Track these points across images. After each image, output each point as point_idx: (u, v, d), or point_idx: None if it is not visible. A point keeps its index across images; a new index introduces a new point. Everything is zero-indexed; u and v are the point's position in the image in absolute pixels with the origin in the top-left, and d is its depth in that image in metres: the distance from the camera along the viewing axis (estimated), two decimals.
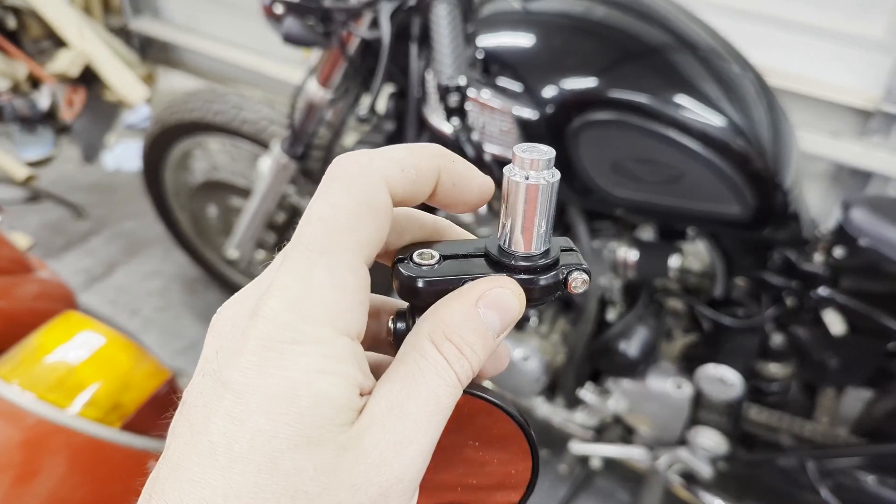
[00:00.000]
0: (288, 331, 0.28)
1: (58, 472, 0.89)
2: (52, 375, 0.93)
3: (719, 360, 1.43)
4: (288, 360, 0.28)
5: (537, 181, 0.32)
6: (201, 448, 0.28)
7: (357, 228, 0.30)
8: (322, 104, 1.53)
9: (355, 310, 0.30)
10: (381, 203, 0.31)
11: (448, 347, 0.31)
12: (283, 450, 0.27)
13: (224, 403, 0.28)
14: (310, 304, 0.29)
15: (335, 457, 0.28)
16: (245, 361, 0.28)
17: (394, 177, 0.31)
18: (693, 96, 1.18)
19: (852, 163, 2.19)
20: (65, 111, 3.38)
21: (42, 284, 1.31)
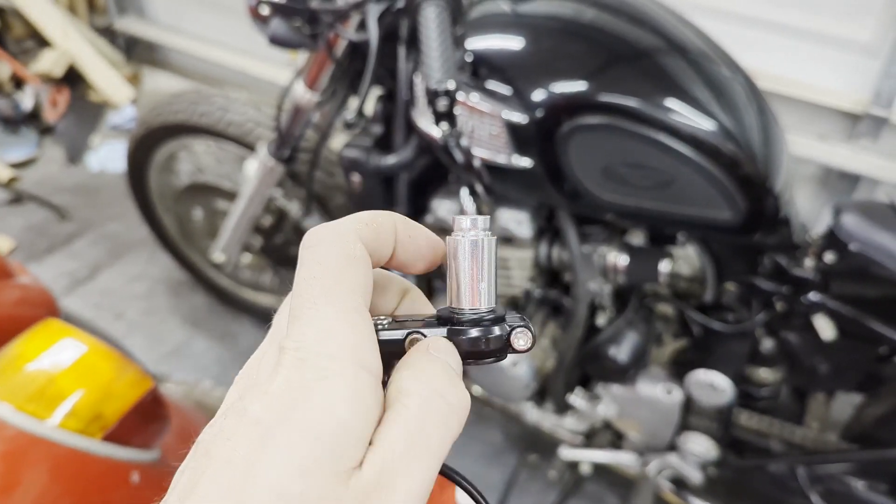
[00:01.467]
0: (313, 370, 0.30)
1: (38, 485, 0.87)
2: (31, 385, 0.91)
3: (709, 365, 1.42)
4: (314, 394, 0.29)
5: (476, 238, 0.35)
6: (219, 475, 0.28)
7: (348, 277, 0.32)
8: (309, 107, 1.51)
9: (370, 347, 0.32)
10: (359, 253, 0.34)
11: (427, 379, 0.32)
12: (307, 486, 0.28)
13: (249, 435, 0.29)
14: (330, 345, 0.30)
15: (337, 492, 0.28)
16: (272, 399, 0.29)
17: (361, 231, 0.34)
18: (683, 100, 1.17)
19: (840, 166, 2.19)
20: (48, 112, 3.34)
21: (23, 290, 1.29)
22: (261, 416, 0.29)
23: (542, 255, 1.44)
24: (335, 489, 0.28)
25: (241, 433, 0.29)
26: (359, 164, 1.40)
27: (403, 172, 1.43)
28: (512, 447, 2.06)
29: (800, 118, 2.24)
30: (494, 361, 0.36)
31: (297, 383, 0.29)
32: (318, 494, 0.28)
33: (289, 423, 0.29)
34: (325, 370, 0.30)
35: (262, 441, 0.28)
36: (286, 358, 0.30)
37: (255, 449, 0.28)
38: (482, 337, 0.35)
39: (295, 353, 0.30)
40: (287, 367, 0.30)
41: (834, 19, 2.09)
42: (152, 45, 3.94)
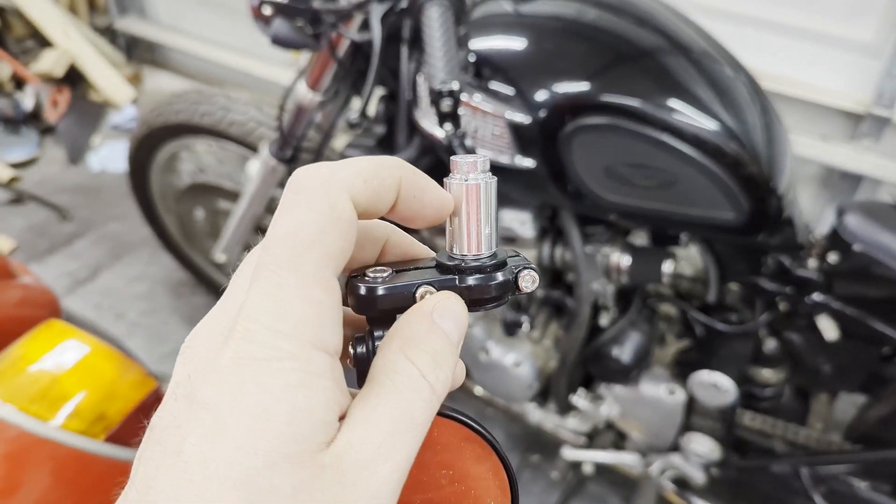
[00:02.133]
0: (264, 348, 0.28)
1: (40, 486, 0.86)
2: (34, 386, 0.91)
3: (712, 365, 1.42)
4: (265, 377, 0.27)
5: (476, 181, 0.34)
6: (175, 469, 0.27)
7: (323, 242, 0.30)
8: (311, 107, 1.51)
9: (329, 325, 0.30)
10: (345, 214, 0.31)
11: (421, 358, 0.31)
12: (259, 467, 0.26)
13: (200, 423, 0.27)
14: (285, 321, 0.28)
15: (312, 475, 0.27)
16: (221, 380, 0.28)
17: (356, 187, 0.31)
18: (686, 100, 1.16)
19: (843, 166, 2.19)
20: (49, 112, 3.34)
21: (25, 290, 1.28)
22: (210, 399, 0.28)
23: (545, 256, 1.44)
24: (310, 473, 0.27)
25: (192, 419, 0.27)
26: None
27: None
28: (514, 447, 2.05)
29: (802, 118, 2.24)
30: (499, 305, 0.36)
31: (248, 363, 0.28)
32: (293, 484, 0.27)
33: (241, 410, 0.27)
34: (277, 350, 0.28)
35: (215, 430, 0.27)
36: (237, 331, 0.28)
37: (208, 439, 0.27)
38: (491, 283, 0.35)
39: (246, 327, 0.28)
40: (237, 340, 0.28)
41: (836, 20, 2.09)
42: (153, 45, 3.94)
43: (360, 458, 0.28)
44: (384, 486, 0.29)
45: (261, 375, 0.28)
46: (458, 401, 2.16)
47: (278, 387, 0.27)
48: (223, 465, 0.26)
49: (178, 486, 0.27)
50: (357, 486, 0.28)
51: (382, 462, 0.29)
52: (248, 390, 0.27)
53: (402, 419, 0.30)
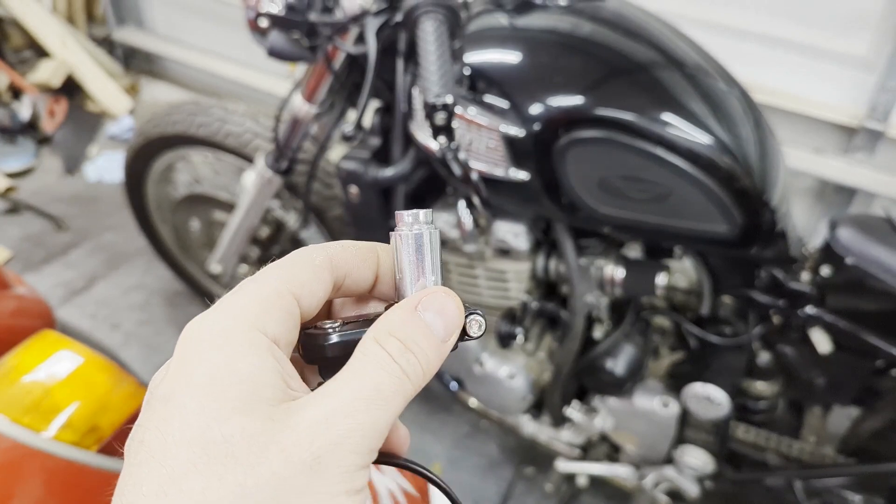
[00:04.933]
0: (210, 333, 0.31)
1: (32, 497, 0.86)
2: (27, 397, 0.91)
3: (706, 378, 1.42)
4: (210, 353, 0.30)
5: (419, 232, 0.36)
6: (139, 457, 0.29)
7: (284, 271, 0.34)
8: (307, 119, 1.51)
9: (271, 315, 0.32)
10: (318, 260, 0.35)
11: (391, 343, 0.33)
12: (209, 422, 0.29)
13: (156, 412, 0.30)
14: (229, 310, 0.32)
15: (263, 425, 0.29)
16: (172, 374, 0.31)
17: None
18: (680, 114, 1.17)
19: (836, 179, 2.20)
20: (46, 122, 3.34)
21: (19, 301, 1.28)
22: (164, 391, 0.30)
23: (540, 268, 1.44)
24: (262, 424, 0.29)
25: (151, 414, 0.30)
26: (356, 177, 1.41)
27: (401, 185, 1.44)
28: (508, 460, 2.05)
29: (796, 132, 2.25)
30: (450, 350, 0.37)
31: (193, 353, 0.31)
32: (245, 433, 0.28)
33: (190, 387, 0.29)
34: (220, 334, 0.31)
35: (170, 411, 0.29)
36: (183, 338, 0.32)
37: (164, 420, 0.29)
38: None
39: (195, 325, 0.32)
40: (184, 342, 0.31)
41: (830, 33, 2.10)
42: (151, 56, 3.94)
43: (317, 415, 0.30)
44: (343, 439, 0.29)
45: (204, 354, 0.30)
46: (453, 413, 2.16)
47: (222, 359, 0.30)
48: (178, 433, 0.29)
49: (142, 466, 0.29)
50: (313, 438, 0.29)
51: (342, 419, 0.30)
52: (196, 370, 0.30)
53: (366, 388, 0.31)
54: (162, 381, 0.31)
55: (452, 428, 2.14)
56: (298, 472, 0.28)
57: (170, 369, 0.31)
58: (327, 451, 0.29)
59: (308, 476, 0.29)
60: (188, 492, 0.28)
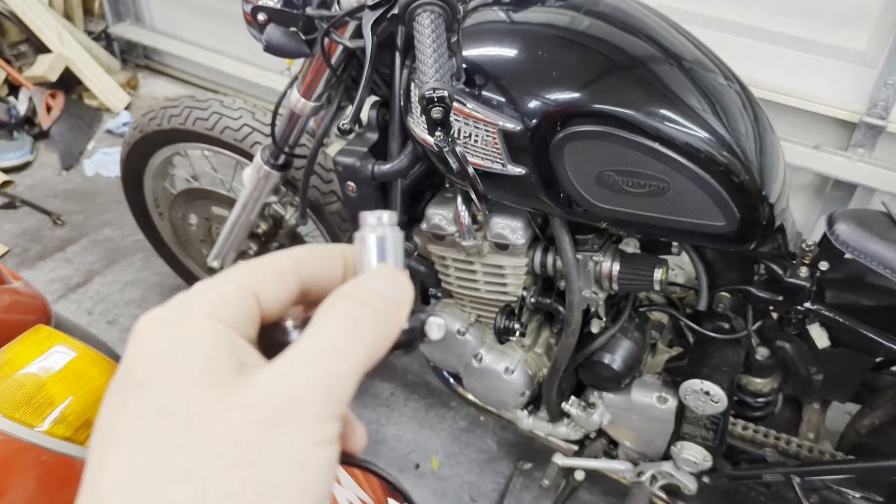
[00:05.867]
0: (163, 322, 0.32)
1: (26, 492, 0.86)
2: (19, 392, 0.90)
3: (704, 374, 1.41)
4: (163, 339, 0.31)
5: (382, 234, 0.37)
6: (99, 440, 0.29)
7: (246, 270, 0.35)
8: (304, 113, 1.51)
9: (228, 308, 0.32)
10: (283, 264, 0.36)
11: (340, 303, 0.33)
12: (165, 396, 0.29)
13: (111, 397, 0.30)
14: (183, 303, 0.32)
15: (219, 392, 0.29)
16: (126, 358, 0.31)
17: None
18: (678, 108, 1.16)
19: (836, 174, 2.20)
20: (43, 117, 3.33)
21: (15, 295, 1.28)
22: (120, 378, 0.30)
23: (537, 263, 1.43)
24: (219, 393, 0.29)
25: (107, 399, 0.30)
26: (353, 171, 1.40)
27: (398, 179, 1.43)
28: (506, 454, 2.05)
29: (795, 127, 2.25)
30: (406, 352, 0.37)
31: (145, 341, 0.31)
32: (203, 401, 0.29)
33: (144, 366, 0.30)
34: (174, 324, 0.31)
35: (127, 395, 0.29)
36: (136, 327, 0.32)
37: (120, 403, 0.29)
38: (405, 329, 0.36)
39: (143, 321, 0.32)
40: (136, 334, 0.32)
41: (830, 28, 2.10)
42: (148, 51, 3.94)
43: (273, 374, 0.30)
44: (304, 391, 0.29)
45: (157, 341, 0.31)
46: (451, 408, 2.16)
47: (175, 341, 0.30)
48: (134, 411, 0.29)
49: (103, 448, 0.29)
50: (271, 394, 0.29)
51: (297, 374, 0.30)
52: (149, 355, 0.30)
53: (319, 343, 0.31)
54: (118, 373, 0.31)
55: (450, 423, 2.14)
56: (258, 429, 0.28)
57: (123, 360, 0.31)
58: (286, 405, 0.29)
59: (269, 432, 0.28)
60: (149, 462, 0.27)
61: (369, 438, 0.38)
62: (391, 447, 2.06)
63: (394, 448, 2.06)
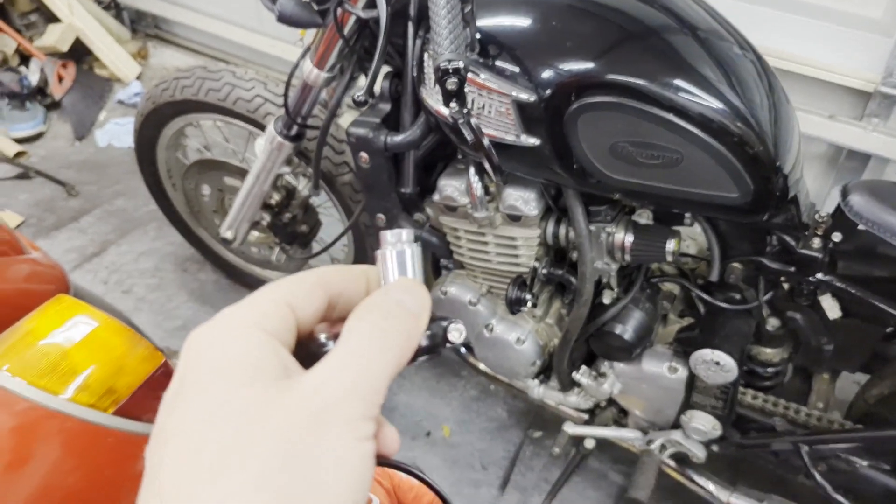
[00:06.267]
0: (211, 334, 0.35)
1: (50, 458, 0.88)
2: (43, 360, 0.92)
3: (715, 344, 1.42)
4: (212, 348, 0.34)
5: (402, 249, 0.40)
6: (161, 447, 0.32)
7: (279, 287, 0.38)
8: (317, 84, 1.51)
9: (268, 319, 0.35)
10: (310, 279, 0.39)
11: (369, 315, 0.37)
12: (216, 400, 0.32)
13: (167, 406, 0.33)
14: (228, 317, 0.35)
15: (266, 393, 0.32)
16: (179, 369, 0.34)
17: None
18: (693, 78, 1.16)
19: (850, 145, 2.18)
20: (55, 87, 3.34)
21: (33, 265, 1.30)
22: (175, 387, 0.34)
23: (549, 234, 1.44)
24: (266, 395, 0.32)
25: (163, 409, 0.34)
26: (366, 142, 1.40)
27: (411, 150, 1.43)
28: (517, 423, 2.08)
29: (810, 96, 2.23)
30: (431, 358, 0.40)
31: (196, 351, 0.34)
32: (252, 402, 0.31)
33: (195, 375, 0.33)
34: (221, 335, 0.34)
35: (179, 399, 0.33)
36: (187, 341, 0.35)
37: (175, 409, 0.32)
38: (428, 335, 0.39)
39: (193, 334, 0.35)
40: (188, 346, 0.35)
41: None
42: (158, 20, 3.91)
43: (313, 380, 0.33)
44: (346, 393, 0.33)
45: (207, 350, 0.34)
46: (462, 377, 2.18)
47: (224, 351, 0.33)
48: (188, 415, 0.32)
49: (161, 448, 0.32)
50: (315, 395, 0.32)
51: (336, 379, 0.33)
52: (200, 364, 0.33)
53: (354, 353, 0.35)
54: (172, 383, 0.34)
55: (461, 391, 2.16)
56: (305, 426, 0.31)
57: (177, 371, 0.34)
58: (328, 405, 0.32)
59: (314, 428, 0.31)
60: (209, 461, 0.30)
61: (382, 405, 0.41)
62: (403, 415, 2.09)
63: (405, 416, 2.09)
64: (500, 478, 1.93)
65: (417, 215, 1.57)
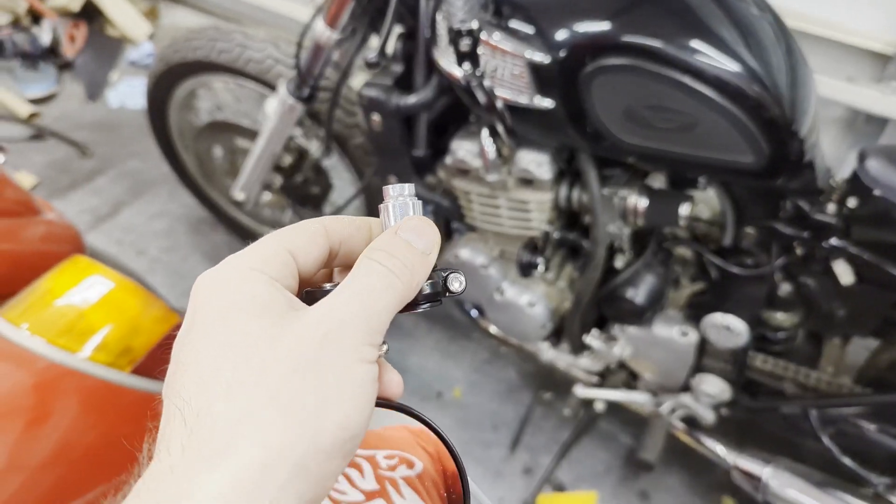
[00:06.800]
0: (218, 276, 0.37)
1: (69, 415, 0.90)
2: (61, 320, 0.94)
3: (726, 308, 1.43)
4: (220, 288, 0.37)
5: (404, 201, 0.42)
6: (175, 370, 0.35)
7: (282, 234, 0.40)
8: (329, 45, 1.49)
9: (270, 264, 0.38)
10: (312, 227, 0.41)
11: (376, 254, 0.39)
12: (229, 328, 0.35)
13: (182, 339, 0.36)
14: (232, 261, 0.38)
15: (275, 321, 0.35)
16: (190, 307, 0.37)
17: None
18: (709, 40, 1.14)
19: (868, 108, 2.15)
20: (67, 47, 3.32)
21: (49, 226, 1.31)
22: (187, 324, 0.36)
23: (562, 197, 1.44)
24: (275, 323, 0.35)
25: (179, 342, 0.36)
26: (378, 104, 1.40)
27: (423, 112, 1.43)
28: (527, 385, 2.09)
29: (828, 59, 2.19)
30: (433, 306, 0.42)
31: (205, 292, 0.37)
32: (262, 329, 0.35)
33: (207, 310, 0.36)
34: (227, 277, 0.37)
35: (193, 331, 0.35)
36: (195, 285, 0.37)
37: (190, 341, 0.35)
38: (429, 284, 0.41)
39: (200, 278, 0.37)
40: (196, 289, 0.37)
41: None
42: None
43: (320, 309, 0.36)
44: (350, 318, 0.36)
45: (216, 291, 0.36)
46: (473, 339, 2.20)
47: (232, 288, 0.36)
48: (204, 343, 0.35)
49: (177, 375, 0.35)
50: (320, 323, 0.35)
51: (342, 307, 0.36)
52: (210, 302, 0.36)
53: (360, 286, 0.37)
54: (183, 324, 0.37)
55: (472, 353, 2.18)
56: (312, 348, 0.34)
57: (187, 313, 0.37)
58: (334, 329, 0.35)
59: (321, 349, 0.34)
60: (224, 380, 0.33)
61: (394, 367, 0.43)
62: (415, 375, 2.11)
63: (417, 376, 2.11)
64: (511, 438, 1.95)
65: (430, 178, 1.56)
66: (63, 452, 0.86)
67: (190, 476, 0.32)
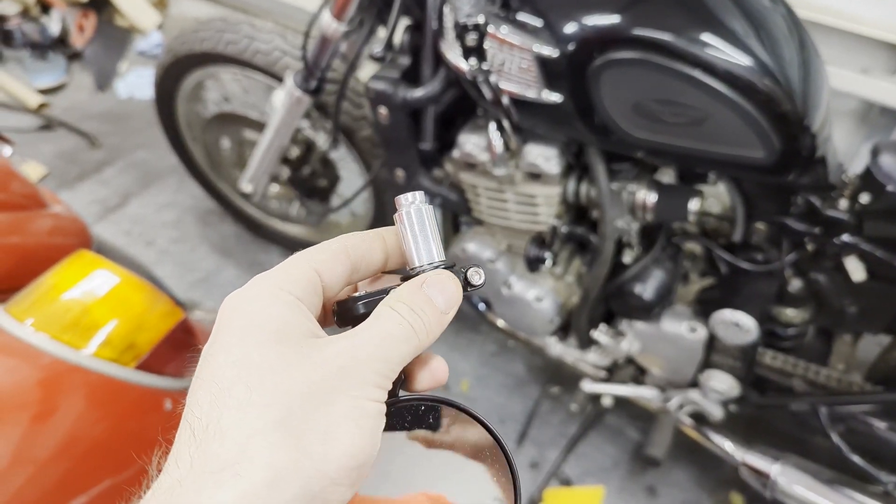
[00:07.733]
0: (244, 296, 0.39)
1: (74, 411, 0.90)
2: (66, 315, 0.93)
3: (735, 304, 1.41)
4: (245, 308, 0.38)
5: (417, 208, 0.43)
6: (194, 386, 0.37)
7: (307, 254, 0.42)
8: (336, 37, 1.48)
9: (296, 284, 0.39)
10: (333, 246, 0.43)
11: (399, 306, 0.40)
12: (249, 349, 0.36)
13: (205, 357, 0.37)
14: (259, 281, 0.40)
15: (294, 349, 0.36)
16: (215, 326, 0.38)
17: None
18: (720, 34, 1.12)
19: (883, 101, 2.12)
20: (76, 37, 3.32)
21: (56, 219, 1.31)
22: (211, 340, 0.38)
23: (570, 192, 1.43)
24: (294, 350, 0.36)
25: (202, 358, 0.38)
26: (385, 97, 1.39)
27: (430, 105, 1.42)
28: (534, 379, 2.09)
29: (843, 50, 2.16)
30: None
31: (230, 311, 0.38)
32: (278, 354, 0.36)
33: (229, 330, 0.37)
34: (253, 297, 0.38)
35: (214, 347, 0.37)
36: (223, 304, 0.39)
37: (212, 356, 0.37)
38: None
39: (228, 298, 0.39)
40: (223, 308, 0.39)
41: None
42: None
43: (339, 345, 0.37)
44: (363, 361, 0.37)
45: (240, 310, 0.38)
46: (481, 332, 2.19)
47: (255, 309, 0.38)
48: (223, 361, 0.36)
49: (196, 392, 0.36)
50: (338, 356, 0.37)
51: (360, 349, 0.37)
52: (233, 321, 0.38)
53: (380, 332, 0.38)
54: (209, 340, 0.38)
55: (480, 347, 2.17)
56: (326, 379, 0.36)
57: (213, 331, 0.38)
58: (348, 365, 0.36)
59: (334, 380, 0.36)
60: (236, 397, 0.34)
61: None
62: None
63: None
64: (518, 432, 1.95)
65: (437, 171, 1.56)
66: (69, 447, 0.86)
67: (197, 490, 0.32)
